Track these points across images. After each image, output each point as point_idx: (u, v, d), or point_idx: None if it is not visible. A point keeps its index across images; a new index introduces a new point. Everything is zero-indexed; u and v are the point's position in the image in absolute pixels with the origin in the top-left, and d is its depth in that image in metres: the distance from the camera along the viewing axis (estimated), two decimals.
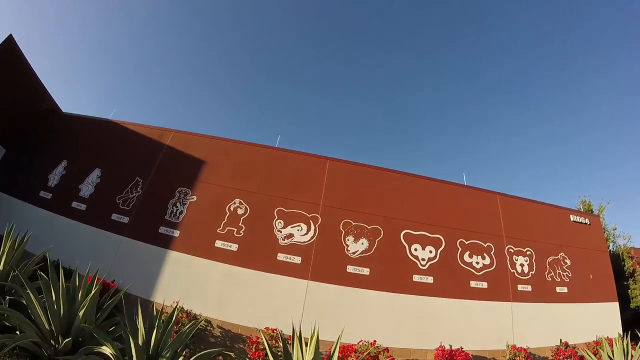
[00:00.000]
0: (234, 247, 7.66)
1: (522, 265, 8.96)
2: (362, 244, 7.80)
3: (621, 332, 10.24)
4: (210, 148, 8.61)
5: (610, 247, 17.43)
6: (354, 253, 7.72)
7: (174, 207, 8.06)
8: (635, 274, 17.16)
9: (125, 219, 8.08)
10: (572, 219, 10.55)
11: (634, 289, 16.84)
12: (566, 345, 8.73)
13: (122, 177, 8.45)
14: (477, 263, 8.42)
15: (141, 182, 8.33)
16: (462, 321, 7.94)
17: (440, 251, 8.19)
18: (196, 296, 7.31)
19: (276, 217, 7.86)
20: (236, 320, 7.25)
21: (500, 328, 8.19)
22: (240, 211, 7.94)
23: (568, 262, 9.76)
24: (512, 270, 8.79)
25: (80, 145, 9.10)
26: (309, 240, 7.72)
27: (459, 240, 8.44)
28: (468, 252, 8.42)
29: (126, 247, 7.88)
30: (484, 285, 8.32)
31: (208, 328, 7.08)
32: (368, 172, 8.60)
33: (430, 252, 8.10)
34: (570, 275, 9.65)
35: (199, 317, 6.78)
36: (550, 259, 9.47)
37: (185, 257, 7.67)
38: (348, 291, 7.51)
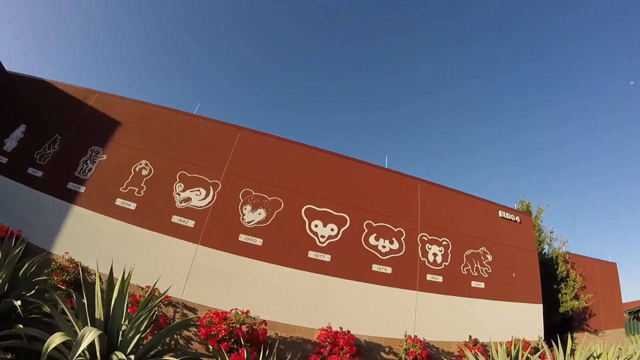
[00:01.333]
0: (132, 205, 7.69)
1: (435, 254, 8.62)
2: (260, 214, 7.68)
3: (542, 335, 9.73)
4: (129, 111, 8.73)
5: (546, 250, 16.76)
6: (249, 222, 7.61)
7: (84, 165, 8.19)
8: (567, 279, 16.39)
9: (39, 173, 8.25)
10: (500, 215, 10.10)
11: (564, 294, 16.06)
12: (475, 342, 8.32)
13: (43, 134, 8.66)
14: (384, 247, 8.15)
15: (59, 139, 8.51)
16: (359, 304, 7.67)
17: (344, 230, 7.97)
18: (91, 251, 7.35)
19: (177, 180, 7.86)
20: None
21: (402, 317, 7.88)
22: (144, 172, 7.98)
23: (489, 257, 9.33)
24: (422, 259, 8.46)
25: (9, 101, 9.39)
26: (205, 206, 7.67)
27: (366, 222, 8.19)
28: (375, 235, 8.16)
29: (36, 201, 8.04)
30: (388, 270, 8.03)
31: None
32: (279, 144, 8.49)
33: (332, 230, 7.89)
34: (490, 271, 9.21)
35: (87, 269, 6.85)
36: (468, 252, 9.07)
37: (87, 213, 7.74)
38: (238, 260, 7.39)
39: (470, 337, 8.48)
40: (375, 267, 7.94)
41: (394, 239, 8.30)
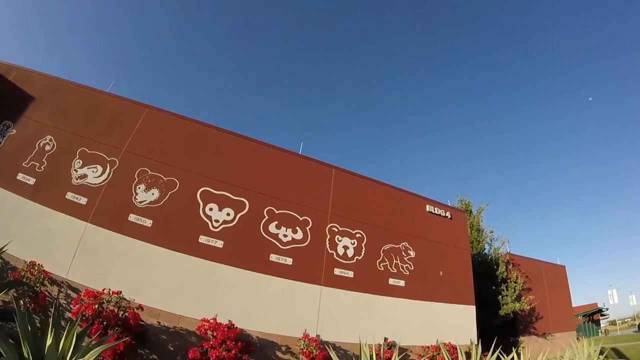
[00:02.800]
0: (31, 180, 7.61)
1: (346, 247, 8.05)
2: (153, 194, 7.40)
3: (475, 338, 8.98)
4: (44, 86, 8.65)
5: (487, 250, 15.74)
6: (141, 202, 7.35)
7: None
8: (508, 280, 15.32)
9: None
10: (428, 210, 9.32)
11: (505, 296, 15.14)
12: (391, 345, 7.75)
13: None
14: (285, 236, 7.67)
15: None
16: (253, 296, 7.24)
17: (241, 215, 7.56)
18: None
19: (77, 157, 7.71)
20: (16, 253, 7.22)
21: (302, 313, 7.40)
22: (47, 147, 7.89)
23: (412, 253, 8.64)
24: (330, 251, 7.91)
25: None
26: (100, 183, 7.48)
27: (267, 208, 7.73)
28: (276, 223, 7.70)
29: None
30: (289, 261, 7.55)
31: None
32: (182, 124, 8.13)
33: (228, 214, 7.49)
34: (412, 269, 8.53)
35: None
36: (387, 246, 8.42)
37: None
38: (126, 241, 7.15)
39: (385, 339, 7.90)
40: (273, 257, 7.49)
41: (298, 228, 7.80)
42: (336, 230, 8.09)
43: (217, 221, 7.38)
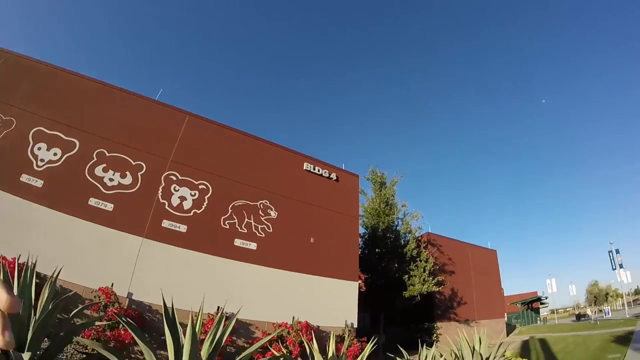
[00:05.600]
0: None
1: (183, 198, 6.98)
2: None
3: (355, 321, 7.18)
4: None
5: (398, 225, 13.18)
6: None
7: None
8: (418, 259, 12.47)
9: None
10: (305, 168, 7.80)
11: (413, 276, 12.80)
12: (229, 317, 6.37)
13: None
14: (111, 180, 6.88)
15: None
16: (67, 243, 6.49)
17: (68, 156, 6.97)
18: None
19: None
20: None
21: (116, 266, 6.45)
22: None
23: (272, 213, 7.24)
24: (162, 201, 6.90)
25: None
26: None
27: (98, 150, 7.06)
28: (104, 165, 6.96)
29: None
30: (109, 207, 6.71)
31: None
32: (29, 65, 7.92)
33: (55, 154, 6.96)
34: (269, 231, 7.09)
35: None
36: (239, 202, 7.15)
37: None
38: None
39: (219, 308, 6.50)
40: (92, 202, 6.71)
41: (128, 172, 6.97)
42: (174, 179, 7.10)
43: (42, 160, 6.89)
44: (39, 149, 7.04)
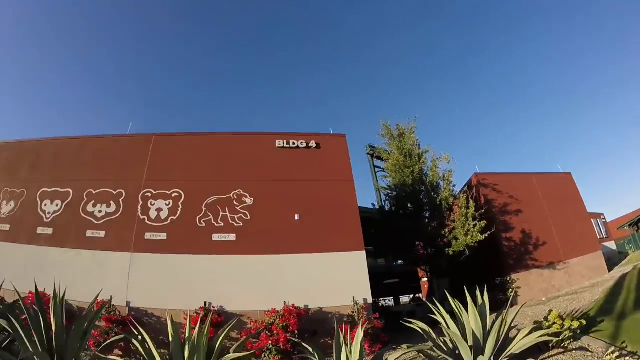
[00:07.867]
0: None
1: (159, 209, 7.56)
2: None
3: (369, 295, 6.63)
4: None
5: (426, 172, 10.94)
6: None
7: None
8: (457, 207, 11.41)
9: None
10: (277, 145, 7.84)
11: (454, 228, 11.23)
12: (206, 311, 6.62)
13: None
14: (100, 212, 7.74)
15: None
16: (73, 271, 7.32)
17: (66, 203, 8.11)
18: None
19: None
20: None
21: (113, 280, 7.20)
22: None
23: (248, 201, 7.48)
24: (142, 217, 7.53)
25: None
26: None
27: (87, 191, 8.11)
28: (93, 201, 7.91)
29: None
30: (101, 234, 7.51)
31: None
32: None
33: (57, 205, 8.07)
34: (247, 218, 7.27)
35: None
36: (211, 199, 7.52)
37: None
38: None
39: (206, 303, 6.70)
40: (89, 233, 7.62)
41: (112, 202, 7.81)
42: (150, 195, 7.76)
43: (49, 213, 8.03)
44: (45, 205, 8.27)
